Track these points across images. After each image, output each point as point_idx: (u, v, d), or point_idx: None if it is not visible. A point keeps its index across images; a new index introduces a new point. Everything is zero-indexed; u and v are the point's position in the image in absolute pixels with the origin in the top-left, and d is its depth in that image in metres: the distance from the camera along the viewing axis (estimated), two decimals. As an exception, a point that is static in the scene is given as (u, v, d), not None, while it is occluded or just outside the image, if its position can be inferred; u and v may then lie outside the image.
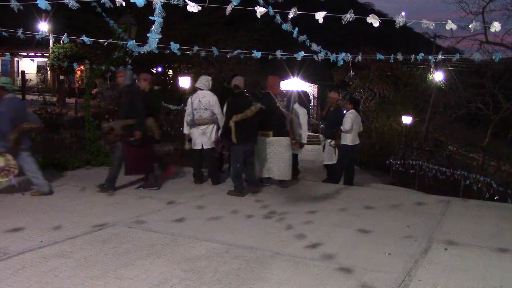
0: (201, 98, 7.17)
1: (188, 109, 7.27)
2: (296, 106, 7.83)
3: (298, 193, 6.96)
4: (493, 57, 6.12)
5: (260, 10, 4.10)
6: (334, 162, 8.36)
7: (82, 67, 32.38)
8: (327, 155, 8.42)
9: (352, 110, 8.28)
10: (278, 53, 6.73)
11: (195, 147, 7.29)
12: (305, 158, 27.20)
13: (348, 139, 8.09)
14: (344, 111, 8.44)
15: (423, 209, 6.19)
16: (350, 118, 8.09)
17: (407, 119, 24.70)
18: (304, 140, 7.87)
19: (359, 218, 5.65)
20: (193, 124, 7.19)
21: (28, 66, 36.36)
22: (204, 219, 5.37)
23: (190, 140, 7.38)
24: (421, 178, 20.18)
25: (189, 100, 7.33)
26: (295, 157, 7.98)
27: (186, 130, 7.42)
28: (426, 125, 27.64)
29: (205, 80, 7.34)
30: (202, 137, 7.21)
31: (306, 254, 4.24)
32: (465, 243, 4.71)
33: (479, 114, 27.00)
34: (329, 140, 8.35)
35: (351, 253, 4.31)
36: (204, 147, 7.22)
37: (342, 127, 8.03)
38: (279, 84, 7.52)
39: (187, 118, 7.30)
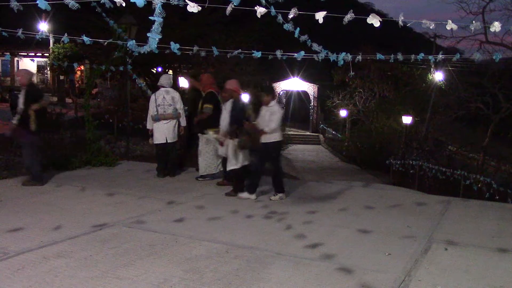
0: (165, 95, 7.62)
1: (152, 105, 7.62)
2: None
3: (298, 193, 6.97)
4: (493, 57, 6.11)
5: (260, 10, 4.10)
6: (236, 166, 6.63)
7: (82, 67, 32.39)
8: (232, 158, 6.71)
9: (274, 102, 6.56)
10: (278, 53, 6.72)
11: (159, 142, 7.65)
12: (306, 159, 27.30)
13: (278, 135, 6.47)
14: (271, 106, 6.45)
15: (423, 209, 6.19)
16: (278, 115, 6.38)
17: (407, 119, 24.74)
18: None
19: (359, 218, 5.66)
20: (158, 119, 7.55)
21: (28, 66, 36.38)
22: (204, 219, 5.37)
23: (153, 135, 7.75)
24: (421, 178, 20.20)
25: (153, 97, 7.72)
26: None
27: (149, 125, 7.75)
28: (426, 125, 27.66)
29: (167, 78, 7.97)
30: (166, 132, 7.60)
31: (306, 254, 4.24)
32: (465, 243, 4.71)
33: (479, 114, 27.03)
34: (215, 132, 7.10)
35: (351, 253, 4.32)
36: (168, 141, 7.64)
37: (268, 129, 6.27)
38: (213, 81, 7.74)
39: (151, 113, 7.65)
